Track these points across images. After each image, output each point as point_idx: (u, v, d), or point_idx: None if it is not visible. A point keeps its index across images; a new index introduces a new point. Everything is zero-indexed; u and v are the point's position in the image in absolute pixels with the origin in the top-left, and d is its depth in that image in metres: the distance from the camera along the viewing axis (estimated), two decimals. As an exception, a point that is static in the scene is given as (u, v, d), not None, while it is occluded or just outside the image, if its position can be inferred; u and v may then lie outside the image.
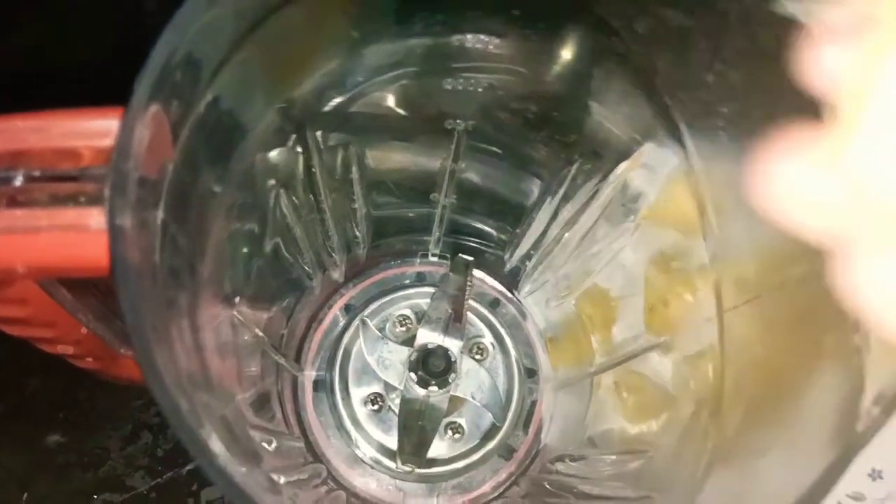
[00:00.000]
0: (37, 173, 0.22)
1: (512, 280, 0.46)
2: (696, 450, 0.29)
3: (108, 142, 0.22)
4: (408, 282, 0.46)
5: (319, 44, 0.31)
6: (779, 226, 0.16)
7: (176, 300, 0.27)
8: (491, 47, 0.31)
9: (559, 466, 0.39)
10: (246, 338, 0.37)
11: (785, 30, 0.24)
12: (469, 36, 0.31)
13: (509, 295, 0.47)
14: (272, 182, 0.36)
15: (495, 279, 0.47)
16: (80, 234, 0.21)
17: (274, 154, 0.35)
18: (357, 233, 0.44)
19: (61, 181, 0.22)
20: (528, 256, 0.44)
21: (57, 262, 0.22)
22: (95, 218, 0.21)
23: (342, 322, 0.45)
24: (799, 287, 0.26)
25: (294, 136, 0.35)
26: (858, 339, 0.23)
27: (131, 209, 0.21)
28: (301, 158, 0.36)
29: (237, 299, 0.35)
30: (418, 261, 0.47)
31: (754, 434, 0.26)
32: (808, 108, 0.25)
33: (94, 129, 0.22)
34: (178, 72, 0.22)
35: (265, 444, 0.36)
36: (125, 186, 0.20)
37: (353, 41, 0.30)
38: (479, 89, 0.34)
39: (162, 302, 0.24)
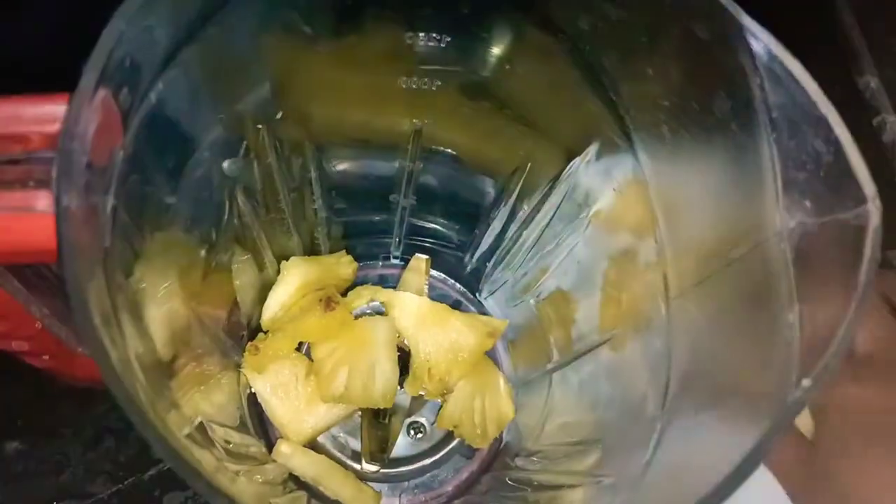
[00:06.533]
0: (-16, 158, 0.22)
1: (473, 282, 0.47)
2: (645, 434, 0.29)
3: (56, 127, 0.22)
4: (370, 285, 0.47)
5: (266, 46, 0.32)
6: None
7: (129, 290, 0.27)
8: (442, 45, 0.32)
9: (518, 462, 0.40)
10: (206, 338, 0.37)
11: (718, 21, 0.25)
12: (421, 34, 0.32)
13: (471, 296, 0.47)
14: (228, 187, 0.36)
15: (457, 281, 0.47)
16: (28, 216, 0.22)
17: (227, 164, 0.35)
18: (318, 236, 0.44)
19: (9, 165, 0.22)
20: (487, 257, 0.44)
21: (4, 244, 0.22)
22: (43, 200, 0.22)
23: (305, 325, 0.45)
24: (737, 268, 0.27)
25: (245, 144, 0.35)
26: (792, 315, 0.23)
27: (79, 192, 0.21)
28: (255, 164, 0.37)
29: (196, 298, 0.35)
30: (380, 263, 0.48)
31: (697, 411, 0.27)
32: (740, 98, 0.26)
33: (43, 115, 0.22)
34: (126, 59, 0.23)
35: (224, 443, 0.36)
36: (72, 167, 0.20)
37: (306, 39, 0.31)
38: (433, 88, 0.35)
39: (113, 288, 0.24)
